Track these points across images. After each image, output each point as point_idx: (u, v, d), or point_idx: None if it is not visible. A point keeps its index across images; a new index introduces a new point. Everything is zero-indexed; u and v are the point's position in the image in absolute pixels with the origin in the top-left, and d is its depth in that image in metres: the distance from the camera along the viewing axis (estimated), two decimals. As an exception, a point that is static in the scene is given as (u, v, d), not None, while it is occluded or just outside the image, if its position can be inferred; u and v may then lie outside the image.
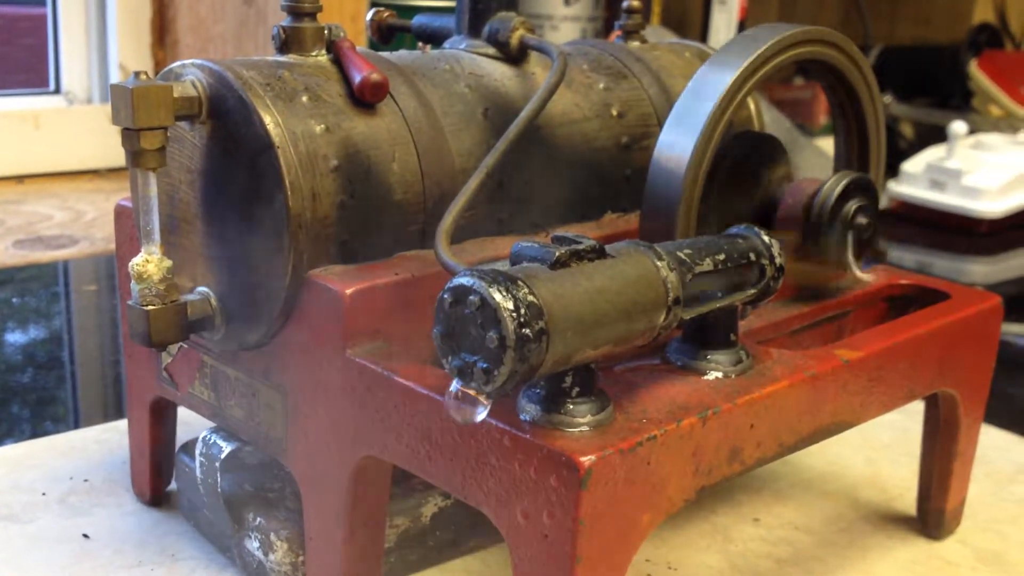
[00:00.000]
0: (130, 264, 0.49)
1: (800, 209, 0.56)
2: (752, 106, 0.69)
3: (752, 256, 0.47)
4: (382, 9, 0.65)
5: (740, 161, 0.57)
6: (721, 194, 0.56)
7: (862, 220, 0.56)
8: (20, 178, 1.37)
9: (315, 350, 0.48)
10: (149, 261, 0.49)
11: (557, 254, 0.40)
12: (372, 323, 0.47)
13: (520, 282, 0.38)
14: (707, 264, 0.45)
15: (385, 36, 0.65)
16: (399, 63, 0.55)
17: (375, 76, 0.51)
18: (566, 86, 0.60)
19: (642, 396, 0.44)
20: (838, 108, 0.62)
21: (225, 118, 0.49)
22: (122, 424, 0.70)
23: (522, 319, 0.37)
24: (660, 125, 0.63)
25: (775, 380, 0.47)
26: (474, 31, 0.60)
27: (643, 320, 0.42)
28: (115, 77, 1.39)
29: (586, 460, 0.39)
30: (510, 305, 0.37)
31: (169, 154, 0.51)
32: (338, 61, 0.52)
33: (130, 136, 0.47)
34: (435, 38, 0.63)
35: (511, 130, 0.52)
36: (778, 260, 0.48)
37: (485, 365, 0.38)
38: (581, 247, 0.41)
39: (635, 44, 0.67)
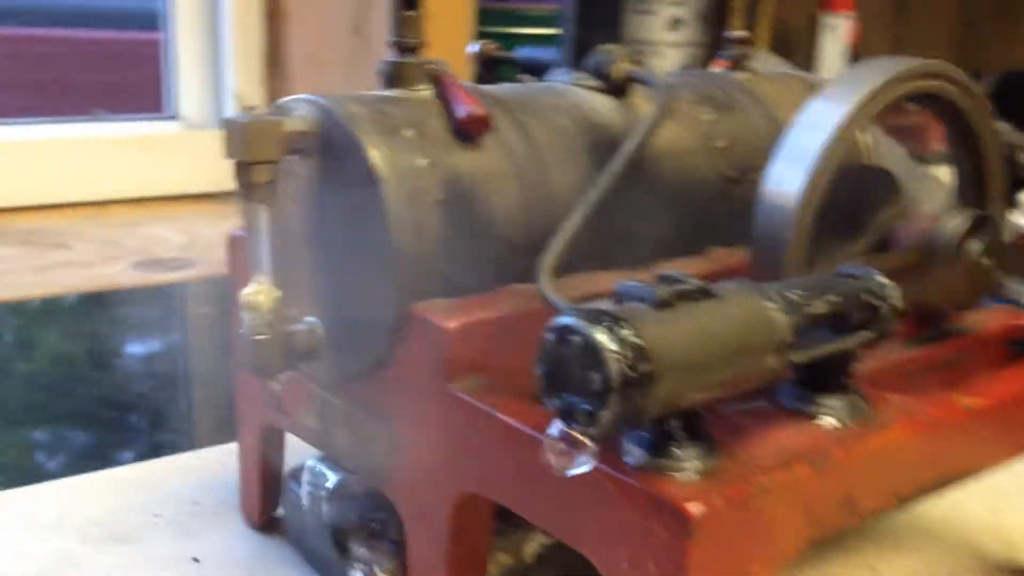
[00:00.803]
0: (241, 294, 0.50)
1: (915, 248, 0.55)
2: (866, 138, 0.67)
3: (866, 297, 0.45)
4: (488, 41, 0.65)
5: (850, 196, 0.55)
6: (830, 231, 0.54)
7: (984, 260, 0.54)
8: (138, 201, 1.41)
9: (417, 384, 0.48)
10: (259, 292, 0.49)
11: (662, 294, 0.39)
12: (475, 358, 0.47)
13: (625, 322, 0.37)
14: (819, 306, 0.44)
15: (490, 68, 0.65)
16: (502, 97, 0.55)
17: (478, 110, 0.51)
18: (670, 118, 0.60)
19: (751, 441, 0.43)
20: (953, 140, 0.60)
21: (333, 152, 0.49)
22: (235, 447, 0.71)
23: (626, 361, 0.36)
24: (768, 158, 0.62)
25: (892, 428, 0.45)
26: (577, 63, 0.60)
27: (752, 364, 0.40)
28: (229, 104, 1.43)
29: (694, 508, 0.38)
30: (614, 346, 0.36)
31: (281, 186, 0.51)
32: (442, 95, 0.52)
33: (242, 170, 0.48)
34: (539, 70, 0.62)
35: (613, 164, 0.52)
36: (894, 301, 0.46)
37: (588, 407, 0.37)
38: (687, 287, 0.40)
39: (742, 74, 0.66)
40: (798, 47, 1.66)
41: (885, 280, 0.46)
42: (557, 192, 0.53)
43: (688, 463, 0.40)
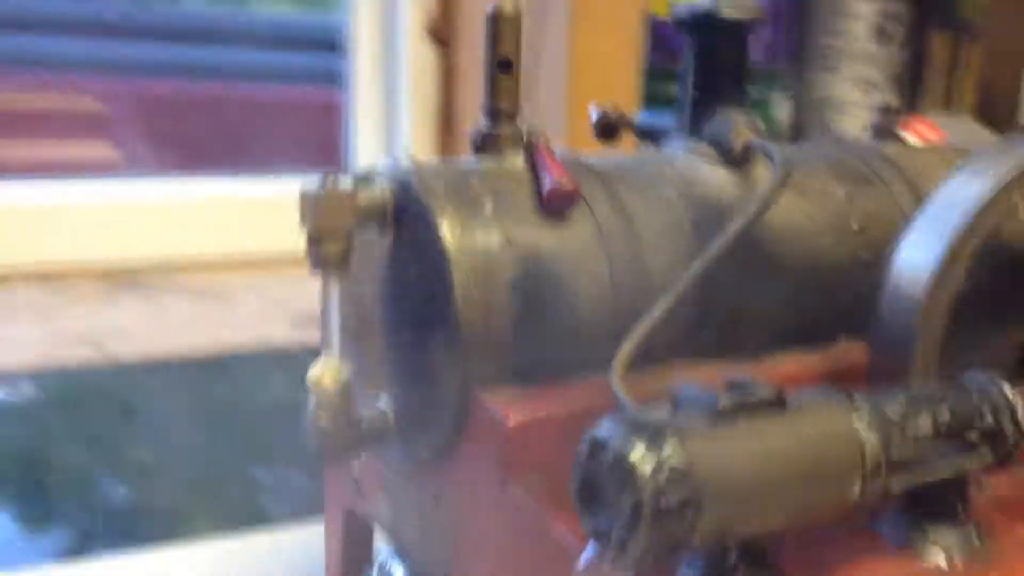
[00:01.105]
0: (308, 373, 0.47)
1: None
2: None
3: (987, 415, 0.39)
4: (610, 105, 0.62)
5: (993, 286, 0.48)
6: (970, 328, 0.48)
7: None
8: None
9: (478, 478, 0.45)
10: (326, 372, 0.47)
11: (724, 404, 0.34)
12: (539, 456, 0.43)
13: (668, 439, 0.32)
14: (925, 425, 0.37)
15: (608, 134, 0.61)
16: (600, 167, 0.51)
17: (566, 183, 0.47)
18: (798, 194, 0.54)
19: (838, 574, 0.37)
20: None
21: (408, 225, 0.47)
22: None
23: (662, 485, 0.32)
24: (907, 240, 0.55)
25: (1012, 568, 0.38)
26: (695, 130, 0.55)
27: (830, 492, 0.35)
28: (403, 161, 1.43)
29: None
30: (648, 468, 0.32)
31: (360, 259, 0.49)
32: (532, 165, 0.49)
33: (311, 240, 0.46)
34: (657, 136, 0.58)
35: (717, 242, 0.47)
36: (1021, 421, 0.39)
37: (620, 533, 0.32)
38: (753, 398, 0.35)
39: (891, 147, 0.60)
40: (1007, 112, 1.53)
41: (1012, 394, 0.39)
42: (654, 272, 0.49)
43: (755, 605, 0.35)
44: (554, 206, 0.47)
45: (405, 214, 0.47)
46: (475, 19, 1.37)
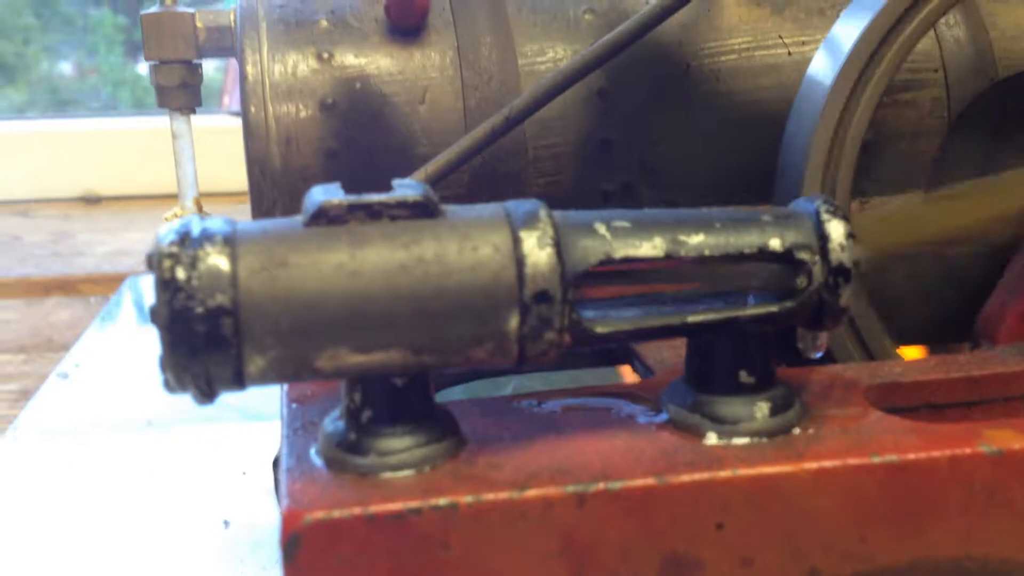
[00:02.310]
0: (164, 218, 0.44)
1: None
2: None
3: (780, 245, 0.28)
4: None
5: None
6: (988, 153, 0.36)
7: None
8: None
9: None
10: (175, 214, 0.44)
11: (323, 205, 0.27)
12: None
13: (212, 241, 0.26)
14: (651, 246, 0.27)
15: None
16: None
17: (408, -6, 0.40)
18: (773, 10, 0.43)
19: (535, 447, 0.28)
20: None
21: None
22: None
23: (188, 292, 0.25)
24: (942, 71, 0.42)
25: (798, 458, 0.27)
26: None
27: (466, 322, 0.26)
28: None
29: (303, 517, 0.26)
30: (169, 264, 0.25)
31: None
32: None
33: (153, 71, 0.43)
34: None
35: (593, 48, 0.38)
36: (836, 256, 0.28)
37: (159, 348, 0.26)
38: (381, 199, 0.27)
39: None
40: None
41: (839, 221, 0.28)
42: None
43: (394, 457, 0.27)
44: (396, 19, 0.40)
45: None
46: None
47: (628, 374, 0.38)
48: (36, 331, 0.84)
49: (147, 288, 0.92)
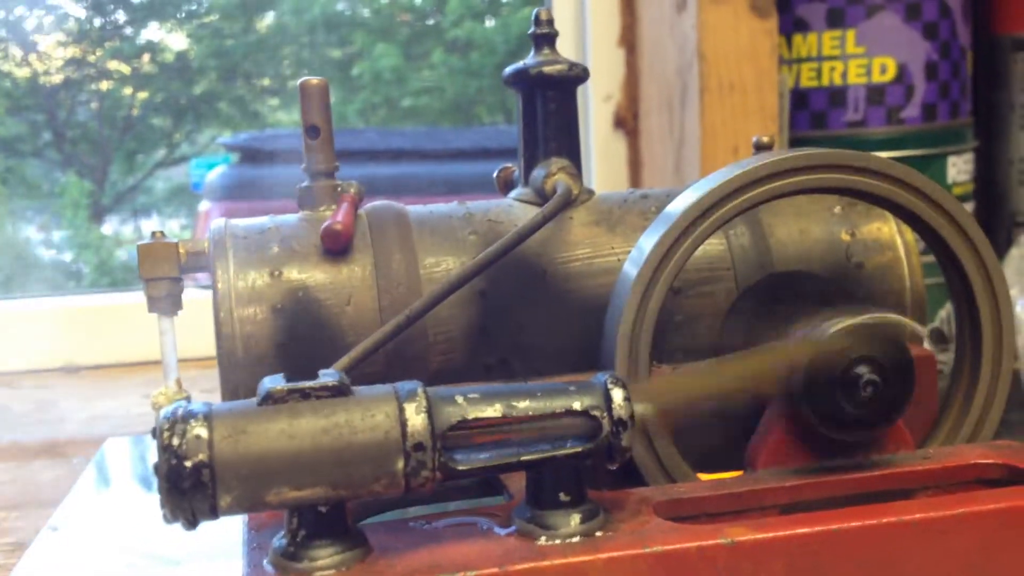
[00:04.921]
0: (151, 397, 0.57)
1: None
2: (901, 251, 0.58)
3: (580, 406, 0.42)
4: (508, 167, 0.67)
5: (767, 300, 0.50)
6: (744, 334, 0.50)
7: (865, 375, 0.45)
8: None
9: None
10: (163, 397, 0.57)
11: (270, 390, 0.40)
12: None
13: (199, 415, 0.39)
14: (492, 410, 0.41)
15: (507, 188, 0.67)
16: (415, 216, 0.57)
17: (336, 226, 0.54)
18: (607, 229, 0.57)
19: (420, 552, 0.41)
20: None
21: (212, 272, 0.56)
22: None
23: (179, 453, 0.38)
24: (732, 270, 0.56)
25: (596, 551, 0.40)
26: (525, 179, 0.60)
27: (368, 466, 0.40)
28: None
29: (256, 604, 0.38)
30: (167, 435, 0.39)
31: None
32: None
33: (145, 284, 0.57)
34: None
35: (467, 266, 0.52)
36: (617, 412, 0.41)
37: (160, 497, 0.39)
38: (309, 385, 0.40)
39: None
40: None
41: (619, 389, 0.42)
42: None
43: (318, 562, 0.40)
44: (327, 244, 0.54)
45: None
46: (653, 110, 1.44)
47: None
48: (25, 490, 0.96)
49: (123, 449, 1.05)
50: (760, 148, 0.62)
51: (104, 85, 2.94)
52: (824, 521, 0.42)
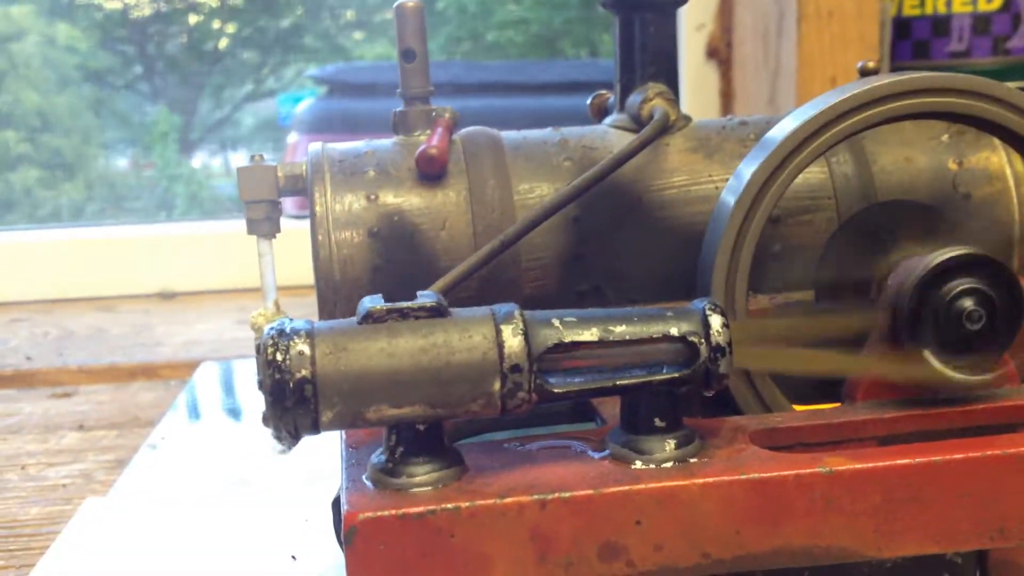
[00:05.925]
0: (250, 319, 0.59)
1: (895, 292, 0.46)
2: (1011, 182, 0.56)
3: (677, 332, 0.41)
4: (603, 92, 0.66)
5: (869, 230, 0.48)
6: (844, 265, 0.49)
7: (966, 305, 0.44)
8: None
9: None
10: (261, 315, 0.58)
11: (370, 309, 0.41)
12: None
13: (299, 335, 0.40)
14: (588, 334, 0.41)
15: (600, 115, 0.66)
16: (509, 141, 0.57)
17: (431, 150, 0.54)
18: (705, 156, 0.57)
19: (515, 472, 0.42)
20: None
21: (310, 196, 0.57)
22: None
23: (283, 368, 0.39)
24: (833, 198, 0.55)
25: (691, 476, 0.40)
26: (621, 105, 0.59)
27: (466, 386, 0.40)
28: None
29: (360, 516, 0.39)
30: (271, 351, 0.39)
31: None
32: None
33: (245, 207, 0.58)
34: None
35: (561, 193, 0.52)
36: (717, 339, 0.41)
37: (265, 411, 0.40)
38: (408, 305, 0.41)
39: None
40: None
41: (717, 316, 0.41)
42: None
43: (416, 479, 0.41)
44: (422, 168, 0.54)
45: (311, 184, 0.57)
46: (747, 39, 1.41)
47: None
48: (125, 410, 0.99)
49: (217, 372, 1.07)
50: (865, 74, 0.60)
51: (192, 18, 2.97)
52: (925, 452, 0.41)
